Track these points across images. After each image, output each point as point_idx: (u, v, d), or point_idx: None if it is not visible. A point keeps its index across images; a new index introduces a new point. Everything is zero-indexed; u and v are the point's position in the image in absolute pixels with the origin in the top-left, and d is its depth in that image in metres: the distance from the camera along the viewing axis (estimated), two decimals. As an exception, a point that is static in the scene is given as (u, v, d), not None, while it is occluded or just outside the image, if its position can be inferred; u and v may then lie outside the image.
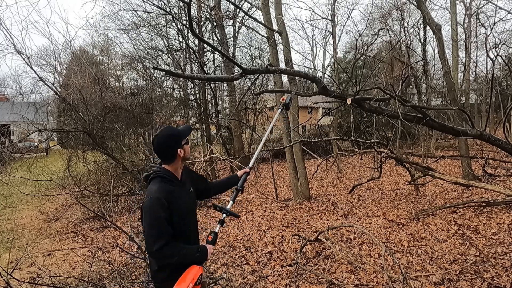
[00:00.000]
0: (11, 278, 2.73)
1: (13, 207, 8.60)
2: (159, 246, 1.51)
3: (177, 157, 1.72)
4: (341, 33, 29.74)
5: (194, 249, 1.65)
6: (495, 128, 14.06)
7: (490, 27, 6.78)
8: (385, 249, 3.15)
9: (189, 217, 1.77)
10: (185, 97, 15.28)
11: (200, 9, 12.42)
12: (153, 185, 1.65)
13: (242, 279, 3.39)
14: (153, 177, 1.68)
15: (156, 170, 1.70)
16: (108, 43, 16.59)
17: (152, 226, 1.54)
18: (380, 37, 16.87)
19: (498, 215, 4.49)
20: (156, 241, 1.51)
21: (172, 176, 1.71)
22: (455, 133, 4.54)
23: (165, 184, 1.65)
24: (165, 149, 1.70)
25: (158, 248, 1.50)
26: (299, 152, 7.16)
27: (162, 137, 1.70)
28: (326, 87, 3.96)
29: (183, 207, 1.70)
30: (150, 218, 1.55)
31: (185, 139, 1.76)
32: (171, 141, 1.70)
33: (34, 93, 20.23)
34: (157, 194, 1.58)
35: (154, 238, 1.52)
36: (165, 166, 1.73)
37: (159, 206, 1.55)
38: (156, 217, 1.54)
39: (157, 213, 1.54)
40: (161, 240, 1.52)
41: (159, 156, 1.73)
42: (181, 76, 6.26)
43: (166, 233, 1.55)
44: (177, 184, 1.72)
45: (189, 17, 2.68)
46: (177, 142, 1.71)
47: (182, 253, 1.59)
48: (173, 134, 1.72)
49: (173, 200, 1.62)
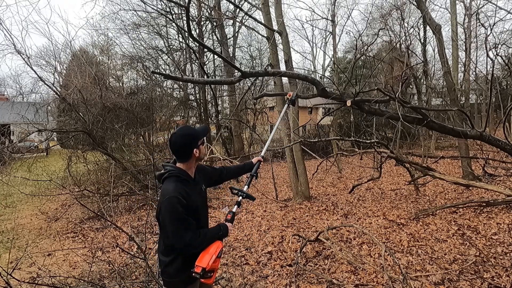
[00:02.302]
0: (11, 278, 2.73)
1: (13, 207, 8.59)
2: (188, 239, 1.60)
3: (192, 156, 1.74)
4: (341, 33, 29.77)
5: (216, 229, 1.77)
6: (495, 128, 14.06)
7: (490, 27, 6.79)
8: (385, 249, 3.15)
9: (201, 213, 1.83)
10: (185, 97, 15.28)
11: (200, 9, 12.42)
12: (169, 184, 1.68)
13: (242, 279, 3.39)
14: (168, 176, 1.71)
15: (171, 169, 1.72)
16: (108, 43, 16.61)
17: (178, 223, 1.61)
18: (380, 37, 16.87)
19: (498, 215, 4.49)
20: (185, 236, 1.60)
21: (186, 175, 1.74)
22: (455, 134, 4.54)
23: (179, 183, 1.68)
24: (182, 148, 1.72)
25: (188, 241, 1.60)
26: (299, 152, 7.16)
27: (179, 136, 1.72)
28: (325, 89, 3.96)
29: (196, 204, 1.75)
30: (174, 216, 1.60)
31: (202, 139, 1.79)
32: (188, 140, 1.72)
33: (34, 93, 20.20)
34: (175, 193, 1.61)
35: (181, 233, 1.60)
36: (179, 165, 1.75)
37: (179, 203, 1.60)
38: (178, 214, 1.60)
39: (178, 210, 1.60)
40: (189, 233, 1.61)
41: (174, 154, 1.75)
42: (180, 79, 6.26)
43: (190, 226, 1.64)
44: (191, 183, 1.76)
45: (187, 21, 2.68)
46: (193, 142, 1.73)
47: (209, 237, 1.70)
48: (191, 134, 1.75)
49: (187, 198, 1.66)
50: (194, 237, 1.63)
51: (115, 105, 10.01)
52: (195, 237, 1.64)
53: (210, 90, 13.09)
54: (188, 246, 1.62)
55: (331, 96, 4.02)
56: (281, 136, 10.04)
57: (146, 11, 12.59)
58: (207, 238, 1.70)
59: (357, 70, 13.77)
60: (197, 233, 1.66)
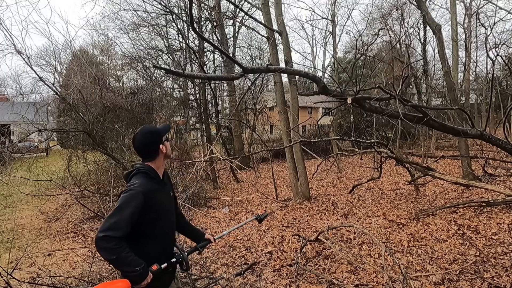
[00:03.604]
0: (11, 278, 2.73)
1: (13, 207, 8.59)
2: (107, 234, 1.40)
3: (159, 153, 1.69)
4: (341, 33, 29.94)
5: (137, 262, 1.47)
6: (495, 128, 14.06)
7: (490, 27, 6.81)
8: (385, 249, 3.15)
9: (167, 218, 1.73)
10: (185, 97, 15.28)
11: (200, 9, 12.42)
12: (135, 179, 1.60)
13: (242, 279, 3.38)
14: (135, 173, 1.64)
15: (139, 166, 1.66)
16: (108, 43, 16.63)
17: (115, 214, 1.46)
18: (380, 37, 16.89)
19: (498, 215, 4.49)
20: (108, 228, 1.41)
21: (154, 173, 1.67)
22: (455, 133, 4.55)
23: (147, 180, 1.61)
24: (147, 145, 1.68)
25: (105, 235, 1.40)
26: (299, 152, 7.16)
27: (142, 134, 1.69)
28: (326, 86, 3.96)
29: (161, 206, 1.67)
30: (118, 206, 1.48)
31: (165, 136, 1.75)
32: (151, 137, 1.69)
33: (34, 93, 20.25)
34: (137, 188, 1.53)
35: (107, 224, 1.43)
36: (148, 164, 1.69)
37: (135, 199, 1.50)
38: (123, 208, 1.47)
39: (127, 205, 1.48)
40: (113, 230, 1.42)
41: (140, 153, 1.69)
42: (182, 75, 6.26)
43: (122, 227, 1.45)
44: (159, 183, 1.69)
45: (190, 15, 2.67)
46: (157, 138, 1.69)
47: (123, 256, 1.43)
48: (153, 131, 1.72)
49: (153, 197, 1.58)
50: (113, 239, 1.41)
51: (115, 105, 10.02)
52: (117, 240, 1.42)
53: (210, 90, 13.10)
54: (102, 239, 1.40)
55: (332, 94, 4.02)
56: (281, 136, 10.04)
57: (146, 11, 12.61)
58: (122, 257, 1.43)
59: (357, 70, 13.76)
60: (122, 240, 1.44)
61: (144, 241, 1.61)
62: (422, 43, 16.98)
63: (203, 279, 3.41)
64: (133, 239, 1.56)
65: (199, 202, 7.58)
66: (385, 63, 14.95)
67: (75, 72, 9.47)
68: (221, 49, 3.59)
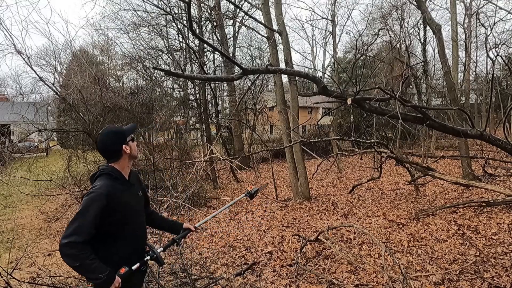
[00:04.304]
0: (11, 278, 2.73)
1: (13, 207, 8.59)
2: (70, 240, 1.39)
3: (123, 154, 1.67)
4: (341, 33, 29.95)
5: (102, 269, 1.45)
6: (495, 128, 14.06)
7: (490, 27, 6.81)
8: (385, 249, 3.15)
9: (135, 218, 1.70)
10: (185, 97, 15.28)
11: (200, 9, 12.43)
12: (98, 181, 1.57)
13: (242, 279, 3.38)
14: (99, 175, 1.61)
15: (102, 168, 1.64)
16: (108, 43, 16.61)
17: (77, 218, 1.44)
18: (380, 37, 16.89)
19: (498, 215, 4.49)
20: (71, 234, 1.39)
21: (118, 174, 1.65)
22: (455, 133, 4.54)
23: (111, 181, 1.59)
24: (110, 146, 1.65)
25: (68, 241, 1.38)
26: (299, 152, 7.16)
27: (104, 134, 1.66)
28: (326, 87, 3.96)
29: (128, 206, 1.64)
30: (80, 210, 1.46)
31: (130, 136, 1.71)
32: (115, 137, 1.66)
33: (34, 93, 20.27)
34: (99, 189, 1.51)
35: (70, 230, 1.41)
36: (112, 165, 1.66)
37: (97, 202, 1.47)
38: (85, 212, 1.45)
39: (89, 209, 1.45)
40: (76, 235, 1.40)
41: (104, 154, 1.67)
42: (181, 76, 6.26)
43: (85, 232, 1.43)
44: (124, 183, 1.66)
45: (189, 17, 2.69)
46: (121, 138, 1.66)
47: (87, 263, 1.42)
48: (116, 131, 1.69)
49: (117, 198, 1.55)
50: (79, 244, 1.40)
51: (115, 105, 10.02)
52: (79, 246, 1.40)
53: (210, 90, 13.10)
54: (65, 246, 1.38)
55: (332, 94, 4.03)
56: (281, 136, 10.04)
57: (146, 11, 12.60)
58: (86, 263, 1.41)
59: (357, 70, 13.77)
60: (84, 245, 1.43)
61: (112, 242, 1.59)
62: (422, 43, 16.99)
63: (203, 279, 3.42)
64: (100, 240, 1.54)
65: (199, 202, 7.58)
66: (385, 63, 14.95)
67: (75, 72, 9.47)
68: (221, 50, 3.60)
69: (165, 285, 3.20)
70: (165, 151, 10.40)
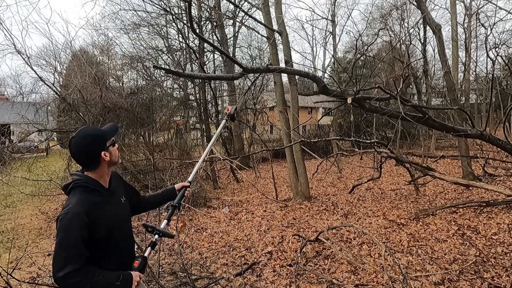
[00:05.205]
0: (11, 278, 2.73)
1: (13, 207, 8.58)
2: (66, 271, 1.23)
3: (101, 162, 1.43)
4: (341, 33, 29.92)
5: (114, 277, 1.36)
6: (495, 128, 14.05)
7: (490, 27, 6.81)
8: (385, 249, 3.15)
9: (119, 230, 1.50)
10: (185, 97, 15.29)
11: (200, 9, 12.42)
12: (72, 197, 1.37)
13: (242, 279, 3.38)
14: (72, 187, 1.40)
15: (76, 179, 1.41)
16: (108, 43, 16.61)
17: (62, 247, 1.27)
18: (380, 37, 16.88)
19: (498, 215, 4.49)
20: (64, 266, 1.24)
21: (96, 184, 1.43)
22: (455, 132, 4.55)
23: (87, 194, 1.38)
24: (86, 154, 1.40)
25: (65, 274, 1.23)
26: (299, 152, 7.16)
27: (80, 138, 1.40)
28: (326, 86, 3.97)
29: (112, 220, 1.44)
30: (61, 237, 1.27)
31: (111, 139, 1.48)
32: (92, 143, 1.40)
33: (34, 93, 20.29)
34: (75, 208, 1.31)
35: (61, 262, 1.25)
36: (88, 174, 1.44)
37: (76, 222, 1.28)
38: (68, 237, 1.27)
39: (71, 232, 1.28)
40: (70, 264, 1.24)
41: (78, 162, 1.43)
42: (182, 75, 6.26)
43: (77, 257, 1.27)
44: (104, 194, 1.45)
45: (189, 16, 2.68)
46: (99, 143, 1.42)
47: (96, 281, 1.30)
48: (94, 135, 1.43)
49: (97, 213, 1.37)
50: (74, 272, 1.24)
51: (115, 105, 10.03)
52: (79, 272, 1.26)
53: (210, 90, 13.10)
54: (61, 280, 1.24)
55: (332, 94, 4.03)
56: (281, 136, 10.04)
57: (146, 11, 12.61)
58: (95, 281, 1.29)
59: (357, 70, 13.77)
60: (83, 268, 1.28)
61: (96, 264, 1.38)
62: (422, 43, 16.99)
63: (203, 279, 3.41)
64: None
65: (199, 202, 7.58)
66: (385, 63, 14.95)
67: (75, 72, 9.47)
68: (221, 49, 3.60)
69: (165, 285, 3.20)
70: (165, 151, 10.40)
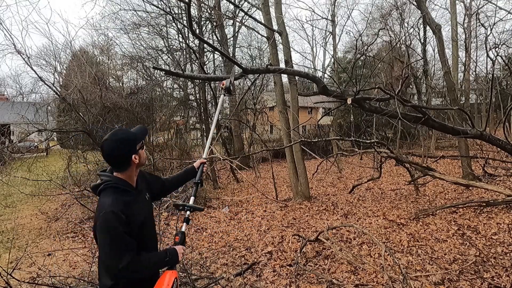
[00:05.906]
0: (11, 278, 2.74)
1: (13, 207, 8.59)
2: (125, 263, 1.33)
3: (131, 164, 1.50)
4: (341, 33, 29.86)
5: (162, 255, 1.51)
6: (495, 128, 14.05)
7: (490, 27, 6.81)
8: (385, 249, 3.15)
9: (147, 226, 1.59)
10: (185, 97, 15.29)
11: (200, 9, 12.42)
12: (105, 198, 1.43)
13: (242, 279, 3.38)
14: (104, 188, 1.46)
15: (107, 180, 1.47)
16: (108, 43, 16.60)
17: (113, 242, 1.35)
18: (380, 37, 16.87)
19: (498, 215, 4.49)
20: (121, 259, 1.33)
21: (126, 184, 1.50)
22: (455, 132, 4.55)
23: (118, 195, 1.44)
24: (118, 156, 1.47)
25: (125, 265, 1.33)
26: (299, 152, 7.16)
27: (113, 142, 1.47)
28: (326, 87, 3.97)
29: (141, 217, 1.51)
30: (109, 236, 1.36)
31: (141, 142, 1.55)
32: (125, 146, 1.47)
33: (34, 93, 20.29)
34: (112, 208, 1.37)
35: (118, 255, 1.34)
36: (117, 175, 1.50)
37: (116, 219, 1.35)
38: (115, 233, 1.35)
39: (116, 229, 1.35)
40: (127, 256, 1.34)
41: (110, 163, 1.50)
42: (181, 76, 6.26)
43: (130, 249, 1.37)
44: (133, 194, 1.51)
45: (188, 17, 2.69)
46: (131, 147, 1.49)
47: (152, 263, 1.47)
48: (126, 139, 1.50)
49: (129, 212, 1.42)
50: (133, 260, 1.36)
51: (115, 105, 10.03)
52: (134, 261, 1.37)
53: (210, 90, 13.10)
54: (124, 270, 1.33)
55: (332, 94, 4.03)
56: (281, 136, 10.04)
57: (146, 11, 12.61)
58: (150, 264, 1.45)
59: (357, 70, 13.77)
60: (137, 256, 1.39)
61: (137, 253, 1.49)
62: (422, 43, 16.97)
63: (203, 279, 3.41)
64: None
65: (199, 202, 7.58)
66: (385, 63, 14.95)
67: (75, 72, 9.48)
68: (221, 50, 3.60)
69: (165, 285, 3.19)
70: (165, 151, 10.40)
